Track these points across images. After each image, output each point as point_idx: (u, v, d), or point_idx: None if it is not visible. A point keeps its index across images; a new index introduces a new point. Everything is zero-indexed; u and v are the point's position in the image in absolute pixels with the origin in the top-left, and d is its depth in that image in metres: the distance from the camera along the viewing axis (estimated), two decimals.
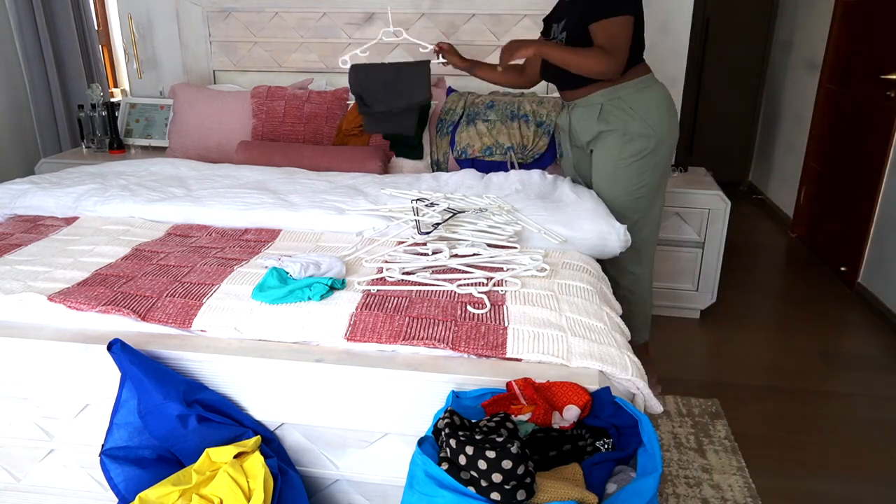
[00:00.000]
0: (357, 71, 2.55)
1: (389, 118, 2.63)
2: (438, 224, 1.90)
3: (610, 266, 2.13)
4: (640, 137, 2.10)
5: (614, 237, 1.94)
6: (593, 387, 1.25)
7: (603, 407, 1.21)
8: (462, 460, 1.01)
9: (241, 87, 3.27)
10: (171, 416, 1.28)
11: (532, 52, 2.05)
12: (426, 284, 1.60)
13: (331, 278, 1.56)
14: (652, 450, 1.06)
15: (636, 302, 2.32)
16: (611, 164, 2.16)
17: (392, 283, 1.60)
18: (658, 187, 2.20)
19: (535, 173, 2.51)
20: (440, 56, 2.39)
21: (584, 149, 2.27)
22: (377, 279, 1.62)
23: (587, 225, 1.94)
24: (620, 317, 1.85)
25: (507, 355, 1.34)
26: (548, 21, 2.30)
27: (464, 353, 1.35)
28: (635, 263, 2.25)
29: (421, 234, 1.87)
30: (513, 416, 1.16)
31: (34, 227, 2.03)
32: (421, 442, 1.09)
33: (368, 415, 1.34)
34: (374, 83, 2.58)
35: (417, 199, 2.11)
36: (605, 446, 1.15)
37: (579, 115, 2.20)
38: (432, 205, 2.07)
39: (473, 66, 2.39)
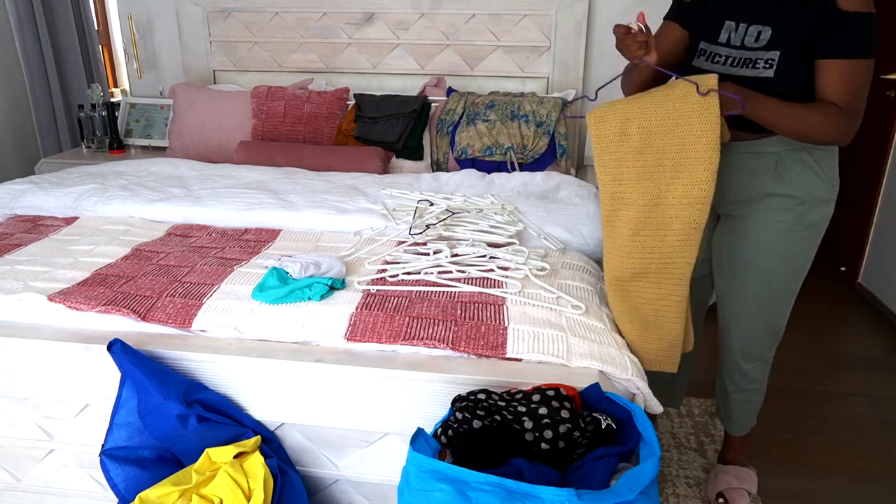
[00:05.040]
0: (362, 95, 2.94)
1: (377, 123, 2.82)
2: (430, 224, 1.90)
3: (738, 354, 1.75)
4: (822, 204, 1.56)
5: None
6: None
7: (596, 404, 1.22)
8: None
9: (241, 87, 3.27)
10: (171, 416, 1.28)
11: (743, 110, 1.37)
12: (431, 284, 1.59)
13: (331, 278, 1.56)
14: (648, 438, 1.06)
15: (758, 391, 1.82)
16: (780, 235, 1.58)
17: (392, 283, 1.60)
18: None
19: (539, 174, 2.52)
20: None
21: (715, 210, 1.66)
22: (377, 279, 1.62)
23: (587, 230, 1.95)
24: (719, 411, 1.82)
25: (507, 355, 1.34)
26: (700, 12, 1.57)
27: (464, 353, 1.35)
28: (769, 349, 1.76)
29: (411, 234, 1.87)
30: None
31: (34, 227, 2.03)
32: (413, 440, 1.09)
33: (368, 415, 1.34)
34: (373, 99, 2.90)
35: (420, 200, 2.12)
36: (605, 420, 1.15)
37: (739, 165, 1.57)
38: (432, 205, 2.08)
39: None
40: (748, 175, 1.57)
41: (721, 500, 1.84)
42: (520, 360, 1.34)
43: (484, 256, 1.73)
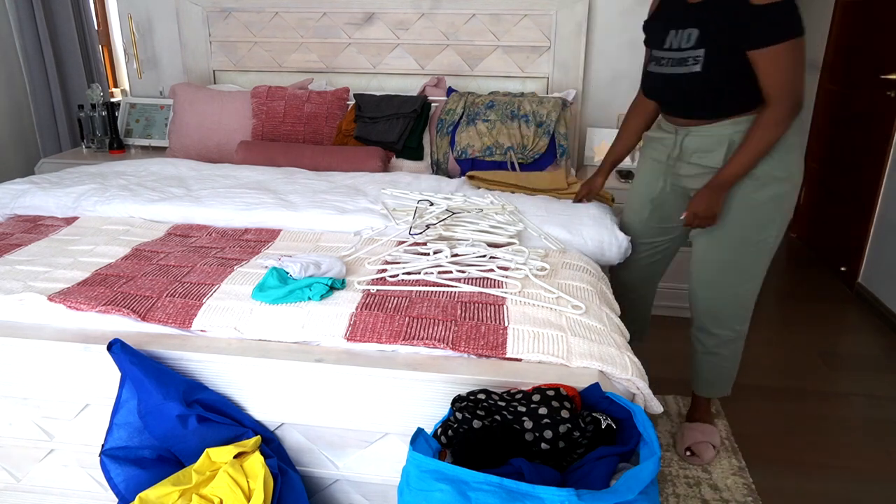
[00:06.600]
0: (362, 95, 2.94)
1: (377, 123, 2.82)
2: (431, 224, 1.90)
3: (706, 318, 1.92)
4: (774, 181, 1.70)
5: (614, 247, 1.94)
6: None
7: (596, 404, 1.22)
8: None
9: (241, 87, 3.27)
10: (171, 416, 1.28)
11: (719, 203, 1.72)
12: (431, 284, 1.59)
13: (331, 278, 1.56)
14: (649, 437, 1.06)
15: (729, 358, 1.98)
16: (735, 208, 1.75)
17: (392, 283, 1.60)
18: (780, 237, 1.82)
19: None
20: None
21: (684, 186, 1.86)
22: (377, 279, 1.62)
23: (587, 231, 1.95)
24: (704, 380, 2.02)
25: (507, 355, 1.34)
26: (652, 25, 1.84)
27: (464, 353, 1.35)
28: (741, 320, 1.91)
29: (411, 234, 1.87)
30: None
31: (34, 227, 2.03)
32: (413, 440, 1.09)
33: (368, 415, 1.34)
34: (373, 99, 2.89)
35: (420, 200, 2.12)
36: (605, 420, 1.16)
37: (698, 146, 1.76)
38: (432, 205, 2.07)
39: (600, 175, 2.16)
40: (704, 154, 1.76)
41: (688, 453, 2.02)
42: (520, 360, 1.34)
43: (484, 256, 1.73)
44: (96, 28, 3.53)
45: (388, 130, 2.80)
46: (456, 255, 1.72)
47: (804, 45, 1.56)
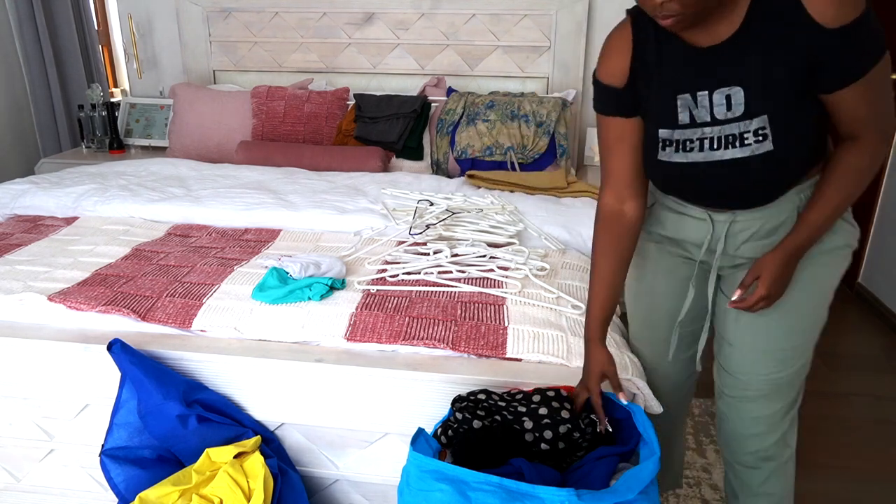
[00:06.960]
0: (362, 95, 2.95)
1: (377, 123, 2.82)
2: (431, 224, 1.90)
3: (753, 443, 1.35)
4: (842, 249, 1.26)
5: None
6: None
7: None
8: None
9: (241, 87, 3.27)
10: (171, 416, 1.28)
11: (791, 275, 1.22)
12: (431, 284, 1.59)
13: (331, 278, 1.56)
14: (648, 437, 1.06)
15: (784, 493, 1.40)
16: (804, 292, 1.30)
17: (392, 283, 1.60)
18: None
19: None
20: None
21: (714, 273, 1.29)
22: (377, 279, 1.62)
23: (586, 231, 1.94)
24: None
25: (507, 355, 1.34)
26: (640, 93, 1.18)
27: (464, 353, 1.35)
28: (793, 425, 1.37)
29: (411, 234, 1.87)
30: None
31: (34, 227, 2.03)
32: (414, 440, 1.10)
33: (368, 415, 1.34)
34: (373, 99, 2.90)
35: (420, 200, 2.12)
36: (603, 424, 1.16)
37: (751, 233, 1.23)
38: (432, 205, 2.08)
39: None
40: (761, 236, 1.24)
41: None
42: (520, 360, 1.34)
43: (484, 256, 1.73)
44: (96, 28, 3.53)
45: (388, 130, 2.80)
46: (456, 255, 1.72)
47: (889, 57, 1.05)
